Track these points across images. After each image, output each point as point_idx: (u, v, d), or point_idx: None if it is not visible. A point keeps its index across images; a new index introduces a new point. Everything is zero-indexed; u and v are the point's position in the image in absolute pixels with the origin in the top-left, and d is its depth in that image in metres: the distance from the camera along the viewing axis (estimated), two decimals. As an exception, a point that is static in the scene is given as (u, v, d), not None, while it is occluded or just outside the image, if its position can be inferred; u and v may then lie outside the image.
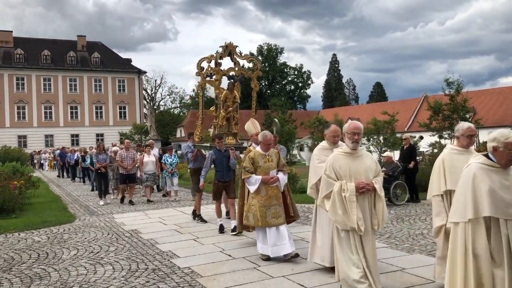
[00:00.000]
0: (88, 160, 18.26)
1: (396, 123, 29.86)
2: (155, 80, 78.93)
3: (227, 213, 9.63)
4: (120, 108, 61.44)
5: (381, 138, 29.60)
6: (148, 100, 74.86)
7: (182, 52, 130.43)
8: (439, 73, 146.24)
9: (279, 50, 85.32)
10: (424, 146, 25.15)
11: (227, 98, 10.60)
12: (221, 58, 10.45)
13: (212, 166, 8.96)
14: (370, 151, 33.01)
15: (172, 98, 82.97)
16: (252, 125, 8.26)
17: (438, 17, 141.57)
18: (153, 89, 79.61)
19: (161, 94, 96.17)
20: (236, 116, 10.93)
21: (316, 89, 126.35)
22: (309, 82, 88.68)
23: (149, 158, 14.16)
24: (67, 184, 22.32)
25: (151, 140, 18.36)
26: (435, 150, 21.36)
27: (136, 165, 14.17)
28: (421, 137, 25.25)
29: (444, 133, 27.50)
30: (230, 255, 6.85)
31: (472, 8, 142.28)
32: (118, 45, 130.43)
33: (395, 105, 51.29)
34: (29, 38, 61.42)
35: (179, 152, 20.15)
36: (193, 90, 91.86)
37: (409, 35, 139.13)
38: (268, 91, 72.75)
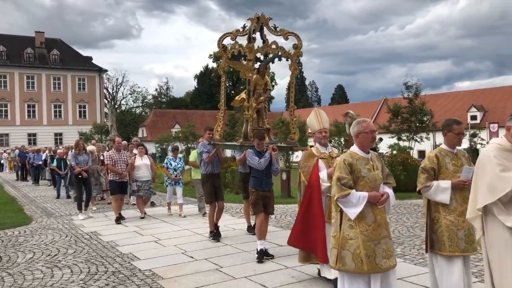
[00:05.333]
0: (55, 162, 16.10)
1: (357, 125, 30.53)
2: (117, 79, 77.45)
3: (249, 228, 8.61)
4: (80, 107, 59.94)
5: (342, 139, 30.23)
6: (109, 99, 73.38)
7: (144, 50, 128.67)
8: (398, 77, 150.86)
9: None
10: (383, 148, 25.83)
11: (257, 85, 8.23)
12: (254, 32, 8.38)
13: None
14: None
15: (134, 98, 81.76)
16: (315, 119, 5.84)
17: (398, 21, 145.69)
18: (114, 88, 78.14)
19: (122, 93, 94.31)
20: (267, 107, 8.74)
21: (279, 91, 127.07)
22: (273, 83, 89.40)
23: (142, 161, 11.08)
24: (24, 185, 21.54)
25: (136, 138, 15.83)
26: (394, 152, 22.07)
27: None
28: (381, 139, 25.91)
29: (402, 135, 28.33)
30: (192, 257, 6.82)
31: (430, 13, 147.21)
32: (78, 41, 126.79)
33: (356, 108, 52.37)
34: (-17, 33, 59.11)
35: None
36: (156, 90, 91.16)
37: (370, 38, 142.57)
38: (233, 92, 72.79)
